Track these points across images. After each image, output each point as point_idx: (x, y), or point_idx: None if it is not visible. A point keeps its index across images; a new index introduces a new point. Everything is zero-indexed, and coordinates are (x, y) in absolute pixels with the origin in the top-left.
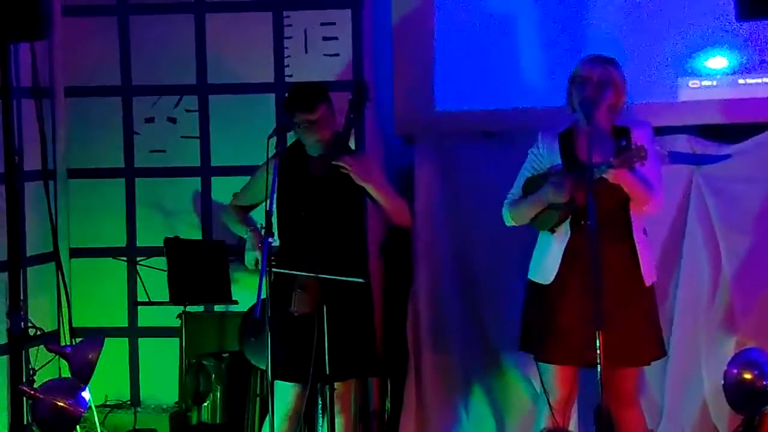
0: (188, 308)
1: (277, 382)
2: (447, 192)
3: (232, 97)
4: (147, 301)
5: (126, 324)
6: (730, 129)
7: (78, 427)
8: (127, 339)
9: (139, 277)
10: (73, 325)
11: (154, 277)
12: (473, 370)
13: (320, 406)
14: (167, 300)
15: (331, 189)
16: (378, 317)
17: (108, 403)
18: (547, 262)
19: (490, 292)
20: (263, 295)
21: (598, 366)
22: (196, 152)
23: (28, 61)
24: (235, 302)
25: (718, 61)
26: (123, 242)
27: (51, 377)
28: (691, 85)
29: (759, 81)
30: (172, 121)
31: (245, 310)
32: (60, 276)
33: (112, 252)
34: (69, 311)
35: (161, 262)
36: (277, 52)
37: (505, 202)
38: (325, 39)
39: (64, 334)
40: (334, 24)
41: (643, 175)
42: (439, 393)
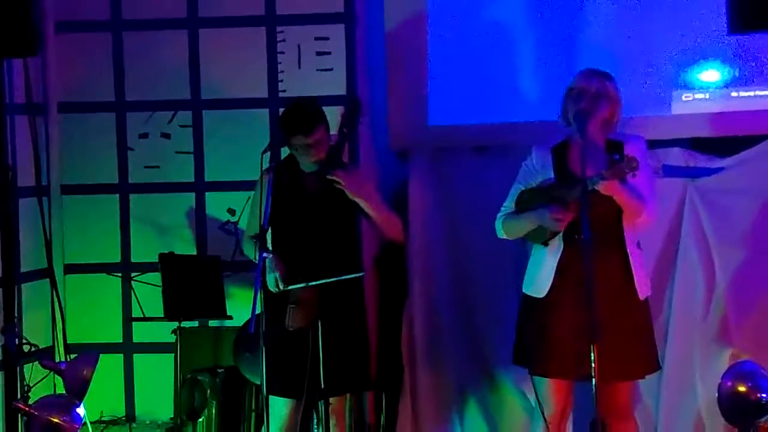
0: (183, 324)
1: (271, 397)
2: (441, 206)
3: (226, 113)
4: (142, 316)
5: (121, 340)
6: (724, 142)
7: None
8: (122, 355)
9: (134, 293)
10: (68, 342)
11: (149, 292)
12: (468, 384)
13: (315, 421)
14: (162, 315)
15: (324, 204)
16: (373, 331)
17: (103, 419)
18: (540, 276)
19: (485, 306)
20: (258, 310)
21: (593, 379)
22: (190, 167)
23: (22, 78)
24: (230, 317)
25: (710, 74)
26: (117, 258)
27: (46, 394)
28: (684, 98)
29: (752, 94)
30: (166, 136)
31: (240, 325)
32: (54, 292)
33: (107, 268)
34: (63, 327)
35: (156, 277)
36: (270, 68)
37: (498, 216)
38: (318, 54)
39: (59, 351)
40: (327, 39)
41: (635, 187)
42: (434, 407)
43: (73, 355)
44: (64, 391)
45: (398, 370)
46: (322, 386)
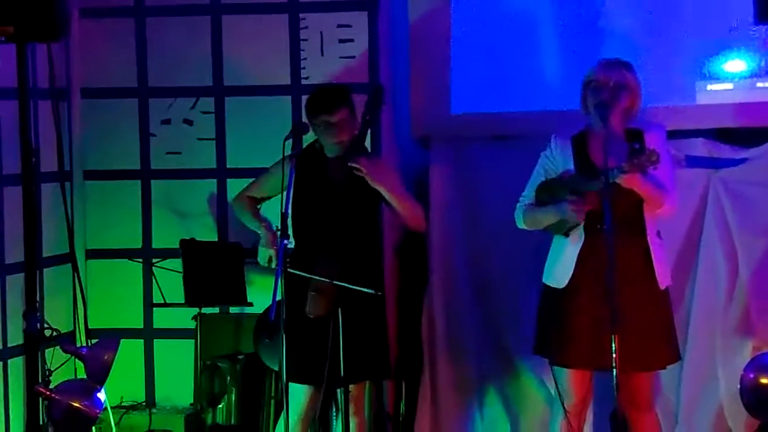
0: (203, 310)
1: (291, 384)
2: (462, 194)
3: (249, 99)
4: (162, 302)
5: (141, 325)
6: (748, 132)
7: (93, 428)
8: (142, 340)
9: (155, 279)
10: (89, 327)
11: (170, 278)
12: (488, 373)
13: (334, 409)
14: (183, 302)
15: (346, 191)
16: (393, 319)
17: (123, 405)
18: (561, 266)
19: (505, 295)
20: (278, 298)
21: (614, 370)
22: (212, 154)
23: (45, 63)
24: (251, 304)
25: (735, 65)
26: (139, 244)
27: (67, 378)
28: (708, 89)
29: None
30: (189, 122)
31: (260, 312)
32: (76, 277)
33: (128, 253)
34: (85, 312)
35: (177, 263)
36: (293, 54)
37: (517, 205)
38: (341, 41)
39: (80, 335)
40: (350, 26)
41: (656, 178)
42: (453, 396)
43: (94, 340)
44: (85, 376)
45: (418, 358)
46: (342, 374)
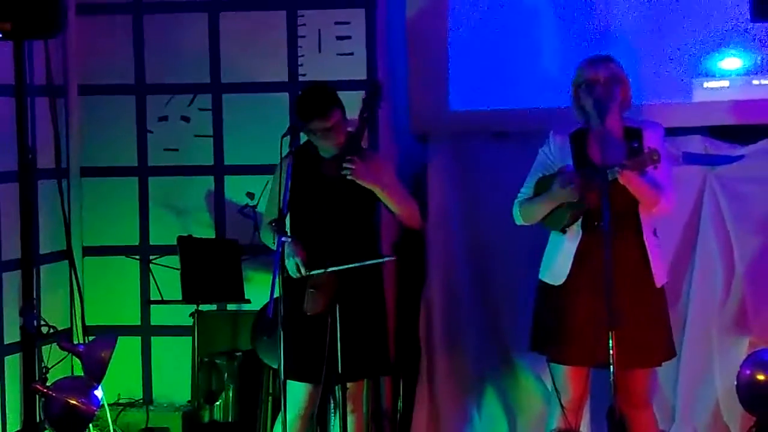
0: (201, 307)
1: (289, 382)
2: (461, 191)
3: (246, 96)
4: (160, 299)
5: (139, 322)
6: (744, 129)
7: (90, 426)
8: (139, 337)
9: (152, 276)
10: (86, 324)
11: (167, 275)
12: (486, 370)
13: (332, 406)
14: (180, 299)
15: (343, 189)
16: (391, 317)
17: (120, 402)
18: (558, 263)
19: (504, 292)
20: (276, 295)
21: (611, 367)
22: (209, 151)
23: (42, 59)
24: (248, 301)
25: (732, 62)
26: (136, 241)
27: (64, 375)
28: (705, 86)
29: None
30: (186, 119)
31: (258, 309)
32: (73, 274)
33: (125, 250)
34: (82, 309)
35: (174, 260)
36: (290, 52)
37: (515, 201)
38: (338, 38)
39: (77, 333)
40: (348, 23)
41: (653, 178)
42: (451, 393)
43: (91, 337)
44: (82, 373)
45: (416, 355)
46: (340, 371)
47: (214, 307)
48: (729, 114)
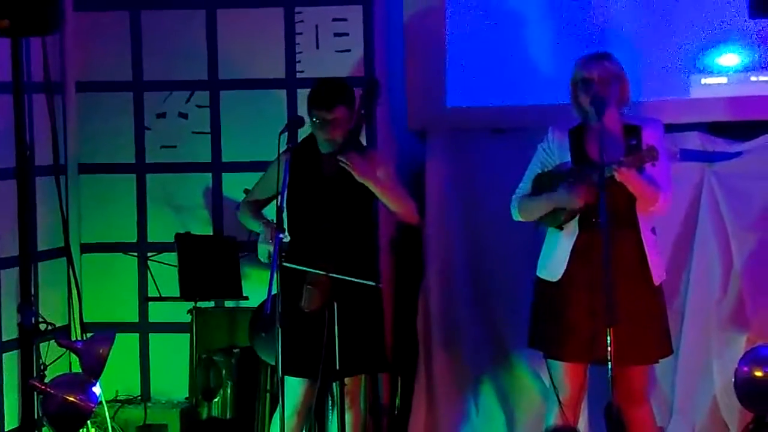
0: (199, 304)
1: (287, 378)
2: (458, 187)
3: (244, 93)
4: (158, 296)
5: (137, 319)
6: (742, 126)
7: (89, 422)
8: (137, 334)
9: (150, 273)
10: (84, 320)
11: (165, 272)
12: (483, 366)
13: (330, 402)
14: (178, 295)
15: (340, 186)
16: (388, 313)
17: (118, 398)
18: (555, 259)
19: (501, 288)
20: (274, 291)
21: (609, 363)
22: (207, 148)
23: (40, 56)
24: (246, 298)
25: (730, 59)
26: (134, 238)
27: (62, 372)
28: (702, 82)
29: None
30: (184, 116)
31: (256, 305)
32: (71, 271)
33: (123, 247)
34: (80, 306)
35: (172, 257)
36: (288, 48)
37: (513, 197)
38: (336, 35)
39: (75, 329)
40: (345, 20)
41: (651, 176)
42: (449, 389)
43: (89, 334)
44: (80, 370)
45: (413, 352)
46: (338, 367)
47: (212, 303)
48: (727, 110)
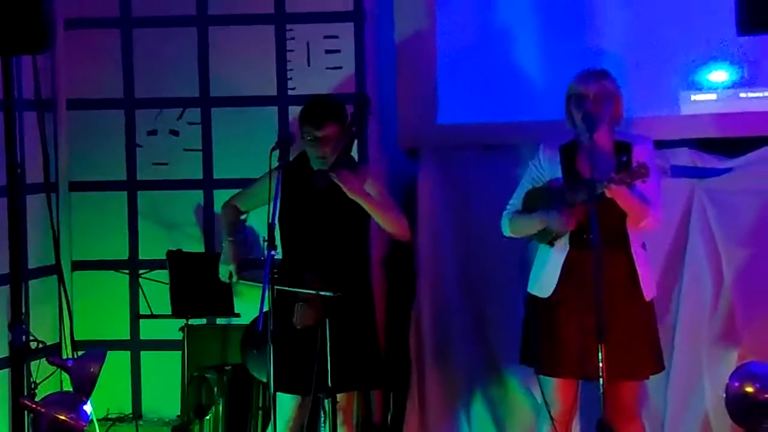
0: (190, 321)
1: (279, 394)
2: (450, 204)
3: (235, 110)
4: (149, 314)
5: (128, 337)
6: (732, 142)
7: None
8: (129, 352)
9: (141, 290)
10: (75, 338)
11: (157, 289)
12: (475, 382)
13: (322, 418)
14: (169, 313)
15: (332, 203)
16: (380, 329)
17: (110, 417)
18: (545, 276)
19: (493, 304)
20: (265, 308)
21: (600, 379)
22: (198, 165)
23: (31, 74)
24: (238, 315)
25: (719, 75)
26: (125, 255)
27: (52, 390)
28: (692, 99)
29: (760, 95)
30: (175, 133)
31: (247, 323)
32: (62, 289)
33: (114, 265)
34: (71, 324)
35: (163, 275)
36: (279, 65)
37: (504, 213)
38: (327, 52)
39: (66, 347)
40: (336, 37)
41: (641, 192)
42: (441, 405)
43: (80, 352)
44: (71, 388)
45: (406, 368)
46: (330, 383)
47: (204, 321)
48: (717, 127)
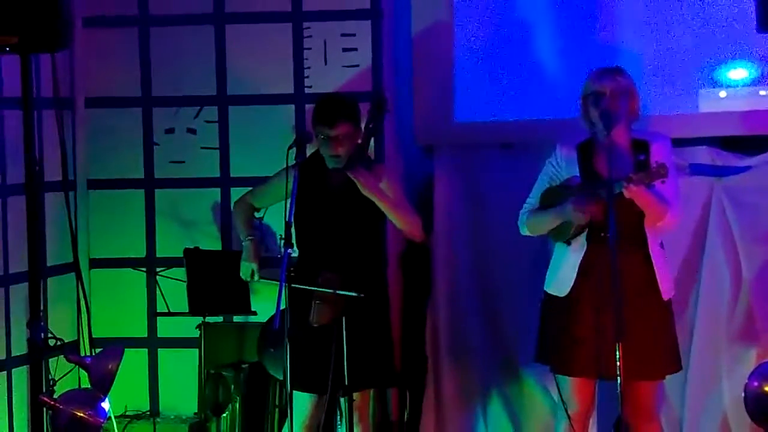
0: (208, 319)
1: (295, 393)
2: (466, 202)
3: (252, 108)
4: (166, 311)
5: (145, 334)
6: (751, 140)
7: None
8: (146, 350)
9: (159, 288)
10: (93, 336)
11: (174, 287)
12: (492, 381)
13: (339, 417)
14: (187, 311)
15: (348, 201)
16: (397, 328)
17: (127, 414)
18: (563, 274)
19: (509, 303)
20: (282, 306)
21: (618, 378)
22: (215, 163)
23: (49, 72)
24: (254, 313)
25: (739, 73)
26: (143, 253)
27: (71, 388)
28: (711, 97)
29: None
30: (192, 132)
31: (264, 321)
32: (80, 286)
33: (132, 263)
34: (89, 322)
35: (181, 272)
36: (296, 63)
37: (521, 212)
38: (344, 50)
39: (84, 345)
40: (353, 35)
41: (660, 192)
42: (457, 404)
43: (98, 350)
44: (89, 386)
45: (422, 366)
46: (346, 382)
47: (221, 319)
48: (736, 125)
